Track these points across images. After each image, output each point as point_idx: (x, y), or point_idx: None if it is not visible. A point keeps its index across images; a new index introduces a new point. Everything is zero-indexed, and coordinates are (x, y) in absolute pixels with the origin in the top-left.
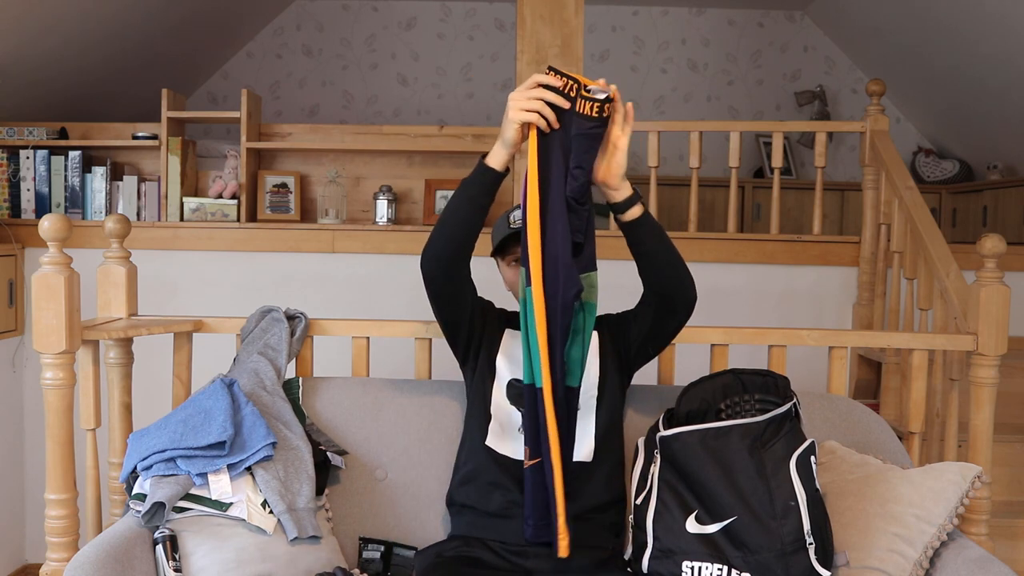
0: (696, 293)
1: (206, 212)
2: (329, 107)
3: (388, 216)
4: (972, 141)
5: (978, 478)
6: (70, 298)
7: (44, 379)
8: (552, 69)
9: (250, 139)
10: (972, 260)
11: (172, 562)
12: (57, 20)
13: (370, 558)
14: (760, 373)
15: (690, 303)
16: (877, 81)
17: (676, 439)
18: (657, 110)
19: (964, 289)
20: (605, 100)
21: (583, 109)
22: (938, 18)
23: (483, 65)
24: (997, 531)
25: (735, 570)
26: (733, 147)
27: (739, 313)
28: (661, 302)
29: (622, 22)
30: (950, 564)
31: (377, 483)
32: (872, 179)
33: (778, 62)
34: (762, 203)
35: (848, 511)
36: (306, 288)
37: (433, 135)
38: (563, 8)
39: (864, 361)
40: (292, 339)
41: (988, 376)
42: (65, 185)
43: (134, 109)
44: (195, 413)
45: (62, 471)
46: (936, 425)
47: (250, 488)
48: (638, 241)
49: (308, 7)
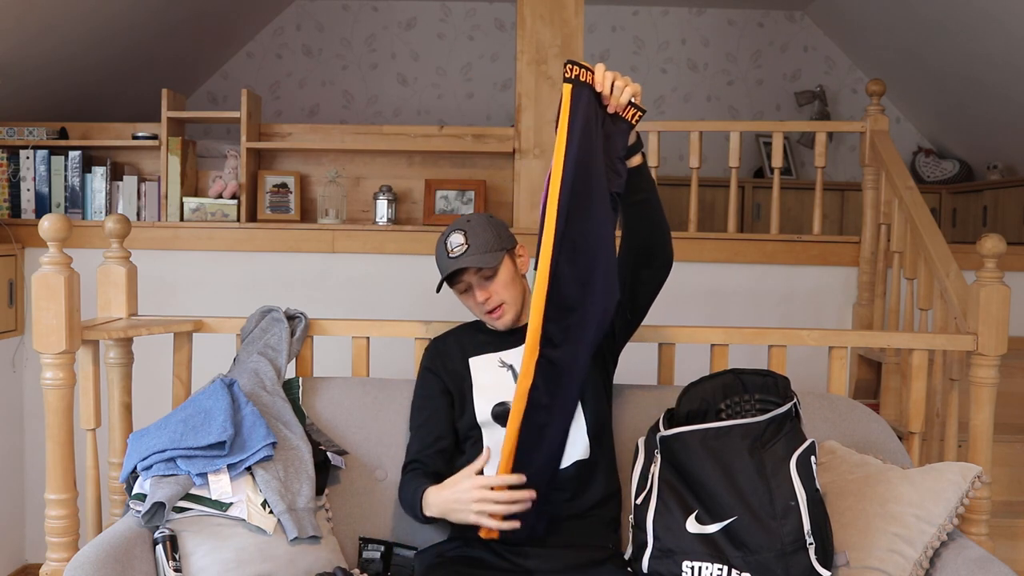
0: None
1: (206, 212)
2: (329, 107)
3: (388, 216)
4: (972, 141)
5: (978, 478)
6: (70, 298)
7: (44, 379)
8: (572, 62)
9: (250, 139)
10: (972, 260)
11: (172, 562)
12: (57, 20)
13: (370, 558)
14: (760, 373)
15: (669, 258)
16: (877, 81)
17: (676, 439)
18: (657, 110)
19: (964, 289)
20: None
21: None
22: (938, 18)
23: (483, 65)
24: (997, 531)
25: (735, 570)
26: (733, 147)
27: (739, 313)
28: (640, 255)
29: (622, 22)
30: (950, 564)
31: (377, 483)
32: (872, 179)
33: (778, 62)
34: (762, 203)
35: (848, 511)
36: (306, 288)
37: (433, 135)
38: (563, 8)
39: (864, 361)
40: (292, 339)
41: (988, 376)
42: (65, 185)
43: (134, 109)
44: (195, 413)
45: (62, 471)
46: (936, 425)
47: (250, 488)
48: (636, 189)
49: (308, 7)
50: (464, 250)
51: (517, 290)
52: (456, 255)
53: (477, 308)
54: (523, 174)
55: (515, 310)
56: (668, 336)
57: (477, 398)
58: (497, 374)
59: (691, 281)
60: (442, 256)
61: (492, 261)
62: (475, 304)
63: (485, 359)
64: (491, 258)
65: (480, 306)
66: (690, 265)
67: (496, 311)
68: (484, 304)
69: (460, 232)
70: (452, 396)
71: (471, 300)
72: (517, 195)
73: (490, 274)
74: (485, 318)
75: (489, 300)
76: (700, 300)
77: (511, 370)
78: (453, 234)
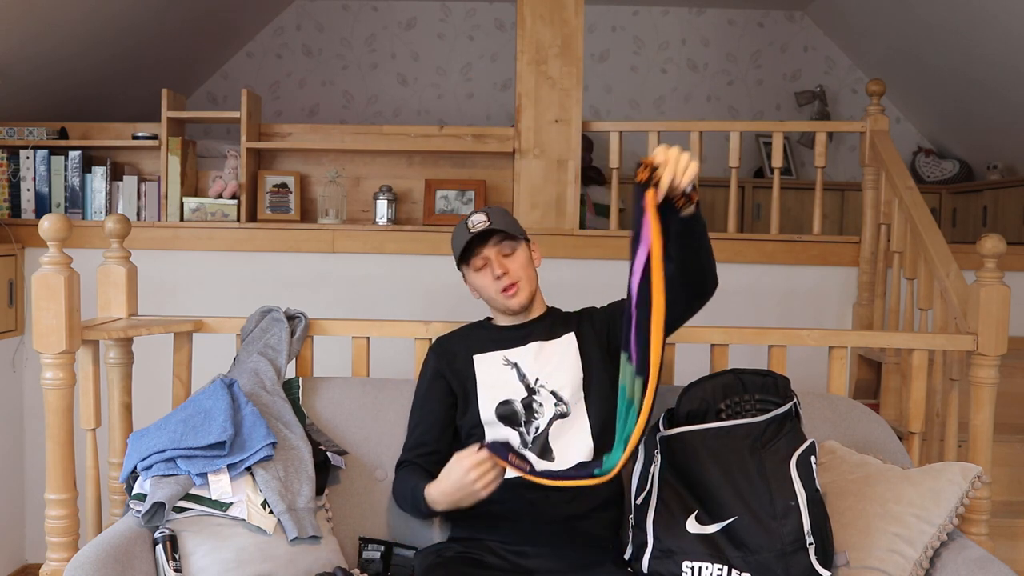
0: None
1: (206, 212)
2: (329, 107)
3: (388, 216)
4: (972, 141)
5: (978, 478)
6: (70, 298)
7: (44, 379)
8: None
9: (250, 139)
10: (972, 260)
11: (172, 562)
12: (57, 20)
13: (370, 558)
14: (760, 373)
15: (716, 284)
16: (877, 81)
17: (676, 439)
18: (657, 110)
19: (964, 289)
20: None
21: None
22: (938, 18)
23: (483, 65)
24: (997, 531)
25: (735, 570)
26: (733, 147)
27: (739, 313)
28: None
29: (622, 22)
30: (950, 564)
31: (377, 483)
32: (872, 179)
33: (778, 62)
34: (762, 203)
35: (848, 511)
36: (306, 288)
37: (433, 135)
38: (563, 8)
39: (864, 361)
40: (292, 339)
41: (988, 376)
42: (65, 185)
43: (134, 109)
44: (195, 413)
45: (62, 471)
46: (936, 425)
47: (250, 488)
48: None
49: (308, 7)
50: (487, 225)
51: (532, 275)
52: (478, 229)
53: (492, 286)
54: (523, 174)
55: (528, 292)
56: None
57: (481, 396)
58: (501, 372)
59: None
60: (462, 233)
61: (515, 231)
62: (490, 281)
63: (489, 357)
64: (514, 231)
65: (496, 282)
66: None
67: (511, 288)
68: (500, 279)
69: (482, 213)
70: (455, 397)
71: (487, 277)
72: (517, 195)
73: (509, 251)
74: (499, 297)
75: (506, 275)
76: None
77: (515, 368)
78: (475, 215)
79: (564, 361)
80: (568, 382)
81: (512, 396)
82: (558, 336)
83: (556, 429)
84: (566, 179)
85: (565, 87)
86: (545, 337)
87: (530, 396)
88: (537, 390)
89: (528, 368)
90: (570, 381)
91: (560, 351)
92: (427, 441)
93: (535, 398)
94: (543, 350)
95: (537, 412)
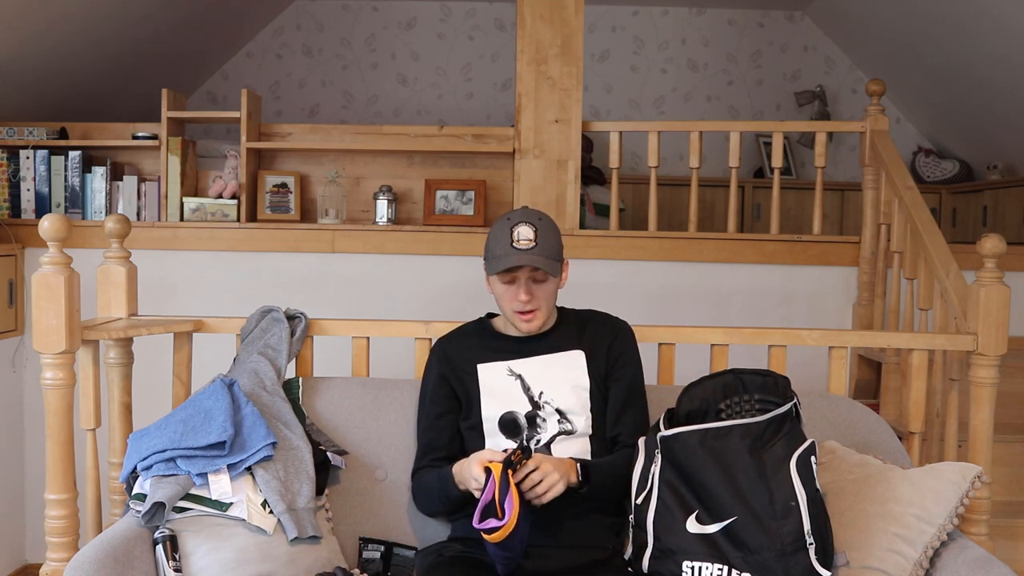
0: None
1: (206, 212)
2: (329, 107)
3: (388, 216)
4: (972, 141)
5: (978, 478)
6: (70, 298)
7: (44, 379)
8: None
9: (250, 139)
10: (972, 260)
11: (172, 562)
12: (57, 20)
13: (370, 558)
14: (760, 373)
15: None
16: (877, 81)
17: (676, 439)
18: (657, 110)
19: (964, 289)
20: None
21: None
22: (938, 18)
23: (483, 65)
24: (997, 531)
25: (735, 570)
26: (733, 147)
27: (739, 313)
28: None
29: (622, 22)
30: (950, 564)
31: (377, 483)
32: (872, 179)
33: (778, 62)
34: (762, 203)
35: (848, 511)
36: (306, 288)
37: (433, 135)
38: (563, 8)
39: (864, 361)
40: (292, 339)
41: (988, 376)
42: (65, 185)
43: (134, 109)
44: (195, 413)
45: (62, 471)
46: (936, 425)
47: (250, 488)
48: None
49: (308, 7)
50: (532, 246)
51: (553, 301)
52: (523, 248)
53: (511, 303)
54: (523, 174)
55: (544, 319)
56: (668, 336)
57: (485, 403)
58: (505, 383)
59: (691, 281)
60: (503, 240)
61: (554, 270)
62: (512, 299)
63: (493, 367)
64: (554, 266)
65: (517, 303)
66: (690, 265)
67: (530, 314)
68: (524, 303)
69: (531, 227)
70: (459, 400)
71: (510, 293)
72: (517, 195)
73: (542, 279)
74: (514, 316)
75: (530, 302)
76: (700, 300)
77: (519, 379)
78: (523, 225)
79: (570, 377)
80: (575, 402)
81: (516, 408)
82: (566, 350)
83: (558, 443)
84: (566, 179)
85: (565, 87)
86: (552, 351)
87: (535, 411)
88: (542, 406)
89: (532, 381)
90: (577, 400)
91: (567, 366)
92: (439, 446)
93: (539, 413)
94: (549, 365)
95: (540, 427)
